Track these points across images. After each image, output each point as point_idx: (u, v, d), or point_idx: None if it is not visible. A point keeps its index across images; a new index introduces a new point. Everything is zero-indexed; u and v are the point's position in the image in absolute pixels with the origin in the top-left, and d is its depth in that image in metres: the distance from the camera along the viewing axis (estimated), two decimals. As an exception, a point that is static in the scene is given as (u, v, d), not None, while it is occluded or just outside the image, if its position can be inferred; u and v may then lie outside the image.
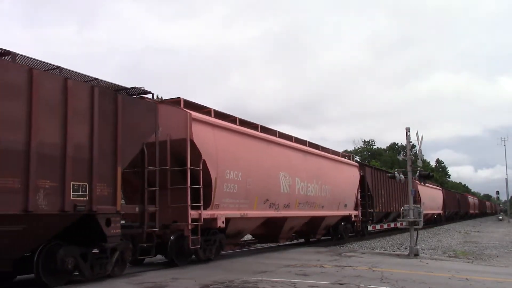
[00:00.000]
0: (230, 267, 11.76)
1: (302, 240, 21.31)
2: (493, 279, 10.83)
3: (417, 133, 16.44)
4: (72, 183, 8.35)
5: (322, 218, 19.63)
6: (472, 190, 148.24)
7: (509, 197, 75.87)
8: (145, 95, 10.81)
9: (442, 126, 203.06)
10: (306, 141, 19.19)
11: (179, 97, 12.33)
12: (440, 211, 46.16)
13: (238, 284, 8.95)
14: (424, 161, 21.43)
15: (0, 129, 7.22)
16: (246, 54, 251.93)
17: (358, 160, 27.49)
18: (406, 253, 16.40)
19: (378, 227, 26.09)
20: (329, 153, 21.26)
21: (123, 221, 10.15)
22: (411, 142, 16.53)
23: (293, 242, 20.62)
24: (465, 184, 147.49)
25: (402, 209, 16.51)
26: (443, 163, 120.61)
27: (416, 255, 15.34)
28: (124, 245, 9.83)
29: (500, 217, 71.29)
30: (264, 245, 19.16)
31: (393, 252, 18.06)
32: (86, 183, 8.64)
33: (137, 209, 10.12)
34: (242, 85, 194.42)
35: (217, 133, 12.86)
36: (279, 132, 16.87)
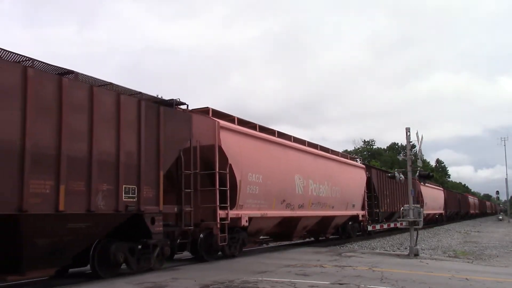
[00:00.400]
0: (230, 267, 11.81)
1: (312, 239, 22.45)
2: (493, 279, 10.82)
3: (417, 133, 16.44)
4: (124, 186, 9.49)
5: (332, 217, 20.75)
6: (472, 190, 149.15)
7: (509, 197, 76.56)
8: (180, 106, 11.92)
9: (442, 126, 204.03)
10: (318, 145, 20.32)
11: (207, 107, 13.47)
12: (442, 211, 47.26)
13: (238, 284, 9.00)
14: (424, 161, 21.43)
15: (69, 140, 8.35)
16: (246, 54, 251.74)
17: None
18: (406, 253, 16.40)
19: (378, 227, 26.35)
20: (338, 156, 22.40)
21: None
22: (411, 142, 16.49)
23: (305, 240, 21.73)
24: (465, 184, 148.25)
25: (402, 209, 16.45)
26: (443, 163, 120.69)
27: (416, 255, 15.36)
28: (164, 242, 10.97)
29: (500, 217, 71.69)
30: (266, 245, 19.76)
31: (393, 252, 18.08)
32: (135, 186, 9.78)
33: (175, 209, 11.26)
34: (242, 85, 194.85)
35: (241, 139, 14.00)
36: (294, 137, 18.01)
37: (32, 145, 7.68)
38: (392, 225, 28.74)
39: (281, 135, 17.10)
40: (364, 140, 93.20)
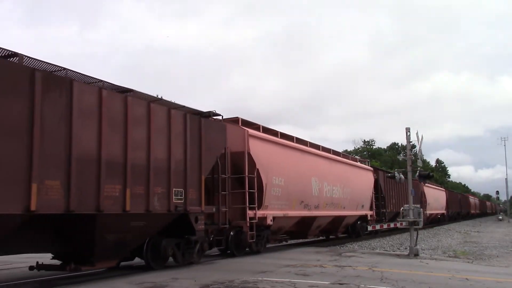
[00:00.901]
0: (230, 267, 11.89)
1: (324, 237, 23.84)
2: (493, 279, 10.84)
3: (417, 133, 16.40)
4: (174, 189, 10.85)
5: (343, 217, 22.14)
6: (472, 190, 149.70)
7: (509, 197, 77.17)
8: (215, 117, 13.28)
9: (443, 126, 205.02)
10: (330, 149, 21.72)
11: (237, 117, 14.85)
12: (444, 211, 48.69)
13: (238, 284, 9.02)
14: (424, 161, 21.37)
15: (132, 150, 9.71)
16: (247, 54, 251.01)
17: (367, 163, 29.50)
18: (406, 253, 16.45)
19: (378, 227, 26.40)
20: (348, 159, 23.82)
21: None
22: (411, 142, 16.46)
23: (318, 238, 23.12)
24: (465, 184, 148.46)
25: (402, 209, 16.46)
26: (443, 163, 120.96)
27: (416, 255, 15.40)
28: (203, 239, 12.33)
29: (500, 217, 72.45)
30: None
31: (393, 252, 18.15)
32: (182, 189, 11.14)
33: (213, 209, 12.63)
34: (243, 85, 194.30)
35: (266, 146, 15.38)
36: (310, 142, 19.40)
37: (106, 155, 9.05)
38: (392, 225, 29.46)
39: (299, 140, 18.48)
40: (364, 140, 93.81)
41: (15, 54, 8.13)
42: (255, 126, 15.71)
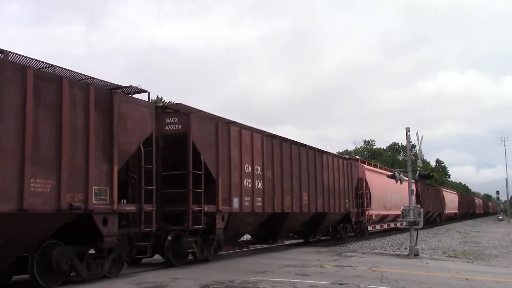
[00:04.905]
0: (230, 267, 12.08)
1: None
2: (493, 279, 10.87)
3: (417, 133, 16.95)
4: (345, 200, 21.63)
5: (397, 215, 32.97)
6: (472, 190, 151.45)
7: (509, 197, 79.04)
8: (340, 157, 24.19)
9: (446, 126, 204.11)
10: (390, 169, 32.73)
11: (357, 157, 25.84)
12: (456, 211, 59.59)
13: (238, 284, 9.08)
14: (424, 161, 22.22)
15: (334, 182, 20.51)
16: (253, 53, 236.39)
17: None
18: (406, 253, 16.69)
19: (378, 227, 28.78)
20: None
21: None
22: (411, 142, 16.98)
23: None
24: (465, 184, 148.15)
25: (402, 209, 17.04)
26: (443, 163, 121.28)
27: (416, 255, 15.65)
28: (349, 226, 23.17)
29: (500, 217, 73.82)
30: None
31: (393, 252, 18.60)
32: (347, 200, 21.91)
33: (356, 210, 23.54)
34: (248, 85, 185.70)
35: (370, 173, 26.38)
36: (384, 167, 30.43)
37: (330, 186, 19.82)
38: (392, 225, 30.81)
39: (380, 167, 29.57)
40: (365, 140, 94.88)
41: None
42: (362, 161, 26.70)
